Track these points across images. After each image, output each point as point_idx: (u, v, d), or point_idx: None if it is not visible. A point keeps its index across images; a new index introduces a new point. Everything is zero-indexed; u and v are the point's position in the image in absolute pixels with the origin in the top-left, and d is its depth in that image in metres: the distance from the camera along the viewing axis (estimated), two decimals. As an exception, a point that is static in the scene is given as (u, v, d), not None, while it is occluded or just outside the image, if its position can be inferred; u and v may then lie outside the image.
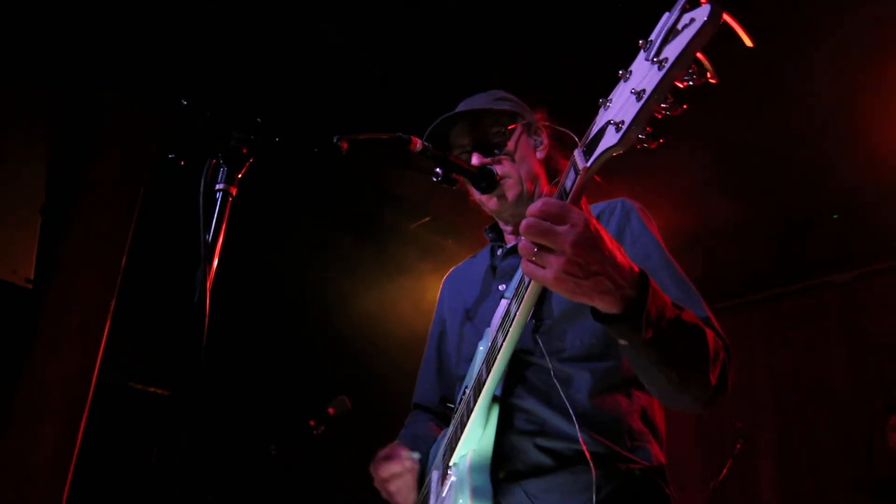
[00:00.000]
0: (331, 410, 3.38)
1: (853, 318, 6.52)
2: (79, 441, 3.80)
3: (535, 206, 1.15)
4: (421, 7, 3.90)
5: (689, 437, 6.70)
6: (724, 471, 5.41)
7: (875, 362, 6.26)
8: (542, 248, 1.14)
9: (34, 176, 3.95)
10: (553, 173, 2.04)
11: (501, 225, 2.07)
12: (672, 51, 0.97)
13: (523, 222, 1.15)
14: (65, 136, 4.06)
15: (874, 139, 4.65)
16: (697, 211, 5.54)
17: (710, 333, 1.42)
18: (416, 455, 1.86)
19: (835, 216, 5.72)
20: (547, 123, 2.07)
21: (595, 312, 1.26)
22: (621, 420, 1.63)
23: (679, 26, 0.97)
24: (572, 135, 1.96)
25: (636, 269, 1.24)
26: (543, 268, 1.15)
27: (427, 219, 6.04)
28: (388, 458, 1.87)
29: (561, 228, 1.12)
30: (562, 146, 2.06)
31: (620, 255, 1.20)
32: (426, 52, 4.22)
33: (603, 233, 1.17)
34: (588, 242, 1.13)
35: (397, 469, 1.84)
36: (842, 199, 5.45)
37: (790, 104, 4.50)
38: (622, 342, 1.30)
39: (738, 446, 5.52)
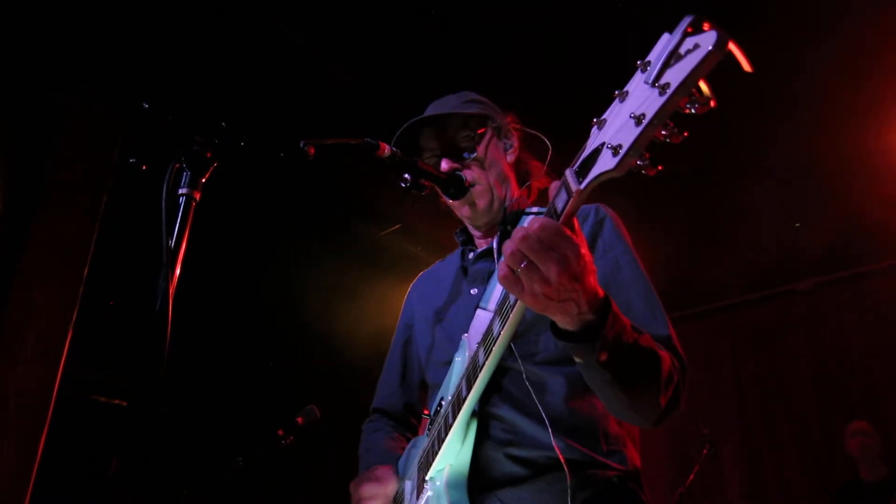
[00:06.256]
0: (299, 420, 3.34)
1: (815, 324, 6.67)
2: (38, 456, 3.70)
3: (533, 225, 1.14)
4: (395, 9, 3.89)
5: (657, 442, 6.76)
6: (691, 476, 5.48)
7: (835, 368, 6.40)
8: (529, 265, 1.14)
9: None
10: (523, 176, 2.03)
11: (471, 229, 2.06)
12: (674, 76, 0.93)
13: (518, 235, 1.15)
14: (23, 142, 3.96)
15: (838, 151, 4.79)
16: (662, 217, 5.61)
17: (665, 358, 1.43)
18: (397, 485, 1.81)
19: (797, 225, 5.84)
20: (517, 126, 2.05)
21: (554, 328, 1.28)
22: (597, 424, 1.62)
23: (682, 51, 0.93)
24: (544, 138, 1.96)
25: (601, 293, 1.25)
26: (523, 284, 1.15)
27: (397, 226, 6.02)
28: (373, 479, 1.82)
29: (554, 256, 1.12)
30: (531, 149, 2.05)
31: (592, 280, 1.21)
32: (398, 55, 4.20)
33: (588, 264, 1.18)
34: (574, 275, 1.14)
35: (378, 492, 1.79)
36: (804, 207, 5.57)
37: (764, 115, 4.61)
38: (577, 360, 1.31)
39: (705, 451, 5.61)
